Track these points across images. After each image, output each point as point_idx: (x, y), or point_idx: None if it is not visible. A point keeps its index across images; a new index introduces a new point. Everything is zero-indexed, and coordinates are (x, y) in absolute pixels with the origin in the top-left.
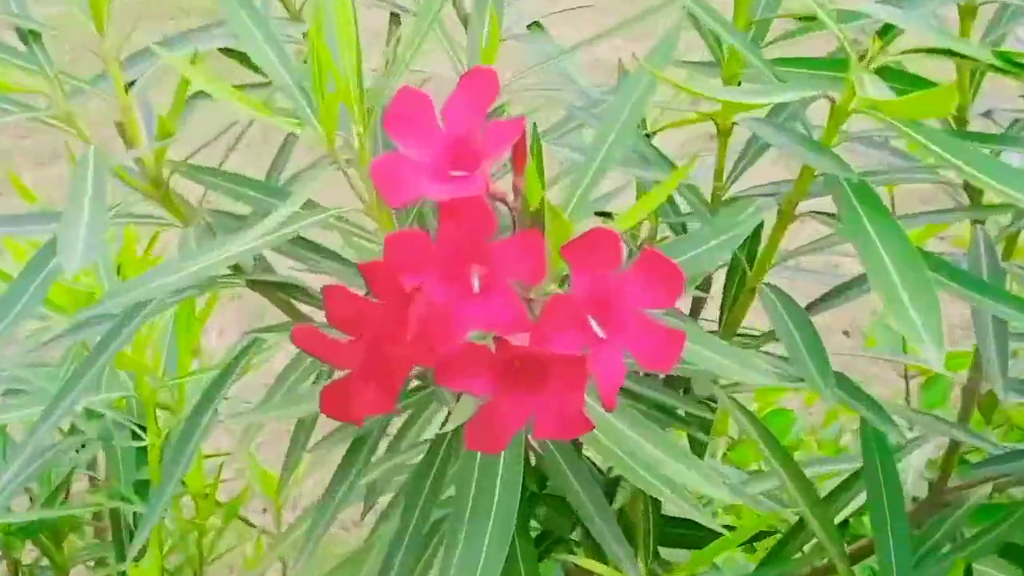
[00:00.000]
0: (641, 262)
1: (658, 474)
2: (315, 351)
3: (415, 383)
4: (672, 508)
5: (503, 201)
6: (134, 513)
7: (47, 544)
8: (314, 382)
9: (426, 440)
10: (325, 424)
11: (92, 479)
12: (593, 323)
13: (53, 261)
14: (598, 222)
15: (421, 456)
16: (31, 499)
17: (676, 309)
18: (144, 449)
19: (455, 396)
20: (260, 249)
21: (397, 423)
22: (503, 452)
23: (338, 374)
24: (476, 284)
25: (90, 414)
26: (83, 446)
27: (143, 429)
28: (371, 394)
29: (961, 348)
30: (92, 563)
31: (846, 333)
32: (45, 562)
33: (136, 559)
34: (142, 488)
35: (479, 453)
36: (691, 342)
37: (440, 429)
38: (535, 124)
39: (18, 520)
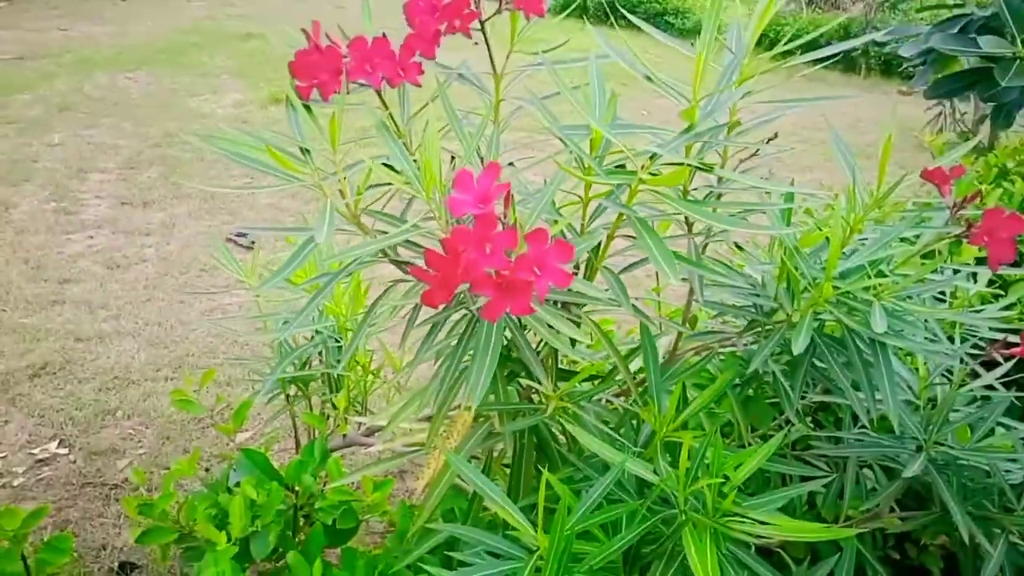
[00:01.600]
0: (556, 246)
1: (559, 336)
2: (420, 277)
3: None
4: (562, 362)
5: (499, 218)
6: (335, 376)
7: (301, 386)
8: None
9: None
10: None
11: (320, 360)
12: (536, 270)
13: (310, 246)
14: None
15: (456, 338)
16: (294, 366)
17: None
18: (340, 347)
19: (475, 299)
20: (393, 243)
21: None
22: (495, 324)
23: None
24: (488, 250)
25: (317, 331)
26: (315, 345)
27: (340, 339)
28: (441, 294)
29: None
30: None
31: (638, 297)
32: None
33: (336, 393)
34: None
35: (485, 322)
36: (575, 282)
37: (466, 322)
38: (512, 193)
39: (290, 375)
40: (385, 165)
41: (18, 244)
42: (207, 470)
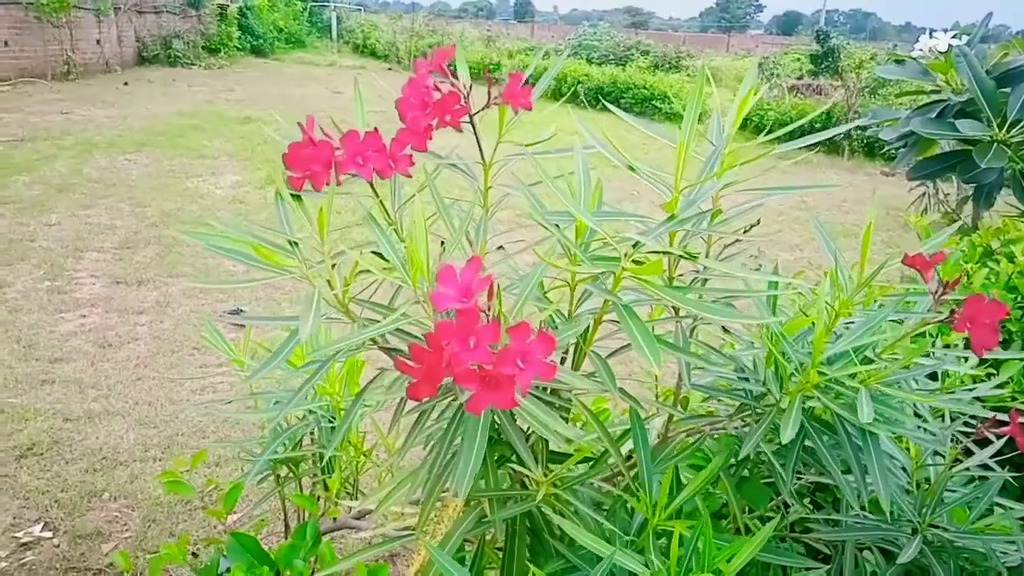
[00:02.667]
0: (539, 338)
1: (546, 428)
2: (404, 371)
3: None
4: (552, 445)
5: (483, 309)
6: (327, 457)
7: (292, 467)
8: (390, 385)
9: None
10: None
11: (311, 439)
12: (519, 362)
13: (294, 340)
14: (531, 314)
15: (445, 422)
16: (285, 446)
17: (554, 361)
18: (333, 427)
19: (461, 390)
20: (382, 332)
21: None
22: (481, 414)
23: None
24: (472, 343)
25: (310, 411)
26: (307, 425)
27: (332, 419)
28: (426, 388)
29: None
30: (312, 476)
31: (630, 375)
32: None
33: (327, 474)
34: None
35: (471, 413)
36: (560, 373)
37: (454, 408)
38: (498, 283)
39: (281, 456)
40: (375, 253)
41: (11, 323)
42: (195, 555)
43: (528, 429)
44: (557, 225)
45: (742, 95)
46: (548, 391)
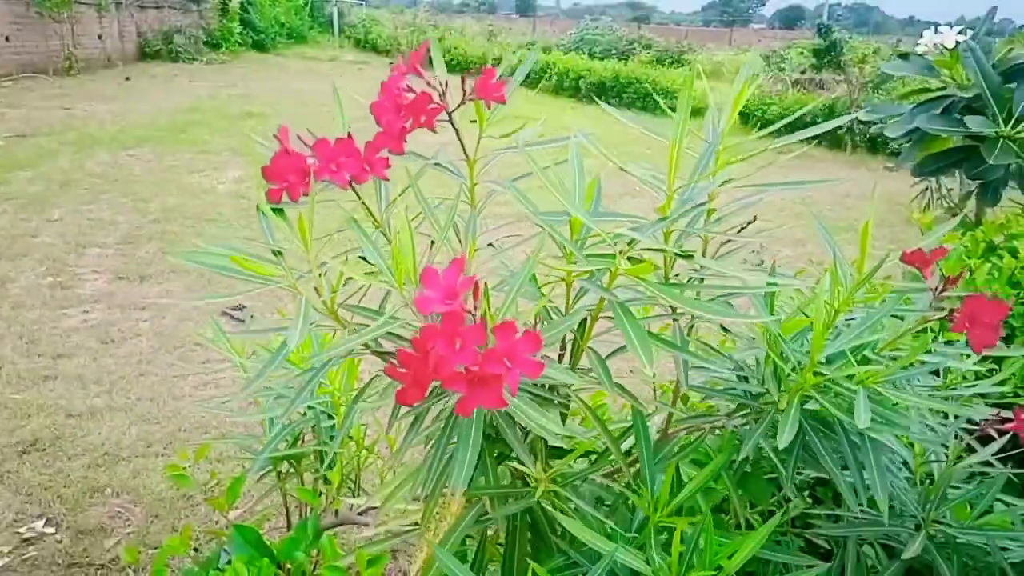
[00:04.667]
0: (525, 336)
1: (540, 427)
2: (393, 376)
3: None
4: (555, 440)
5: (468, 311)
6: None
7: (293, 463)
8: (384, 389)
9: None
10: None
11: (312, 435)
12: (506, 361)
13: (284, 350)
14: (522, 309)
15: (442, 422)
16: (286, 442)
17: (545, 358)
18: (333, 425)
19: (452, 393)
20: (374, 337)
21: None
22: (472, 416)
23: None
24: (458, 345)
25: (310, 407)
26: (308, 421)
27: (332, 415)
28: (415, 393)
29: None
30: (313, 471)
31: (631, 371)
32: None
33: (329, 469)
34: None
35: (461, 416)
36: (549, 369)
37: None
38: (486, 282)
39: (282, 453)
40: (362, 258)
41: (13, 319)
42: (196, 550)
43: (526, 428)
44: (551, 225)
45: (737, 89)
46: (547, 387)
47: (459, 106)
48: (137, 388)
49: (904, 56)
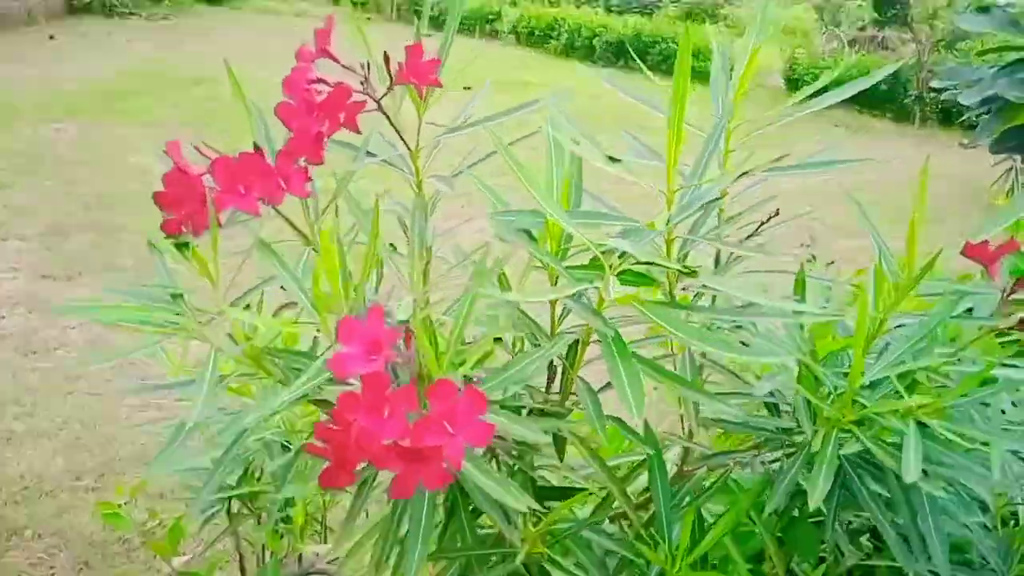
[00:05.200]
0: (467, 395)
1: (496, 502)
2: (315, 454)
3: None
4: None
5: (396, 364)
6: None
7: (247, 501)
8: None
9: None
10: None
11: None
12: (447, 426)
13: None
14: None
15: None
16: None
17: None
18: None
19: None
20: (301, 393)
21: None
22: (413, 496)
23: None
24: (385, 414)
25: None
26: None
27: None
28: (342, 475)
29: None
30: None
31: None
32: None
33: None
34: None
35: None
36: (513, 425)
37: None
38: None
39: (231, 492)
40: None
41: None
42: None
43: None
44: (528, 232)
45: (752, 45)
46: (543, 412)
47: (387, 93)
48: (64, 409)
49: (984, 9)
